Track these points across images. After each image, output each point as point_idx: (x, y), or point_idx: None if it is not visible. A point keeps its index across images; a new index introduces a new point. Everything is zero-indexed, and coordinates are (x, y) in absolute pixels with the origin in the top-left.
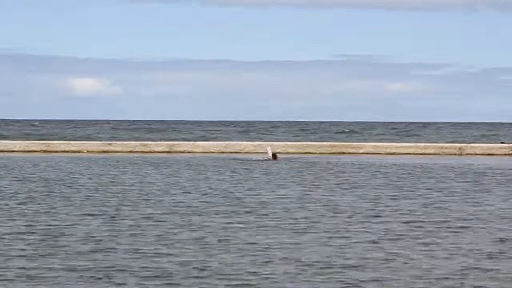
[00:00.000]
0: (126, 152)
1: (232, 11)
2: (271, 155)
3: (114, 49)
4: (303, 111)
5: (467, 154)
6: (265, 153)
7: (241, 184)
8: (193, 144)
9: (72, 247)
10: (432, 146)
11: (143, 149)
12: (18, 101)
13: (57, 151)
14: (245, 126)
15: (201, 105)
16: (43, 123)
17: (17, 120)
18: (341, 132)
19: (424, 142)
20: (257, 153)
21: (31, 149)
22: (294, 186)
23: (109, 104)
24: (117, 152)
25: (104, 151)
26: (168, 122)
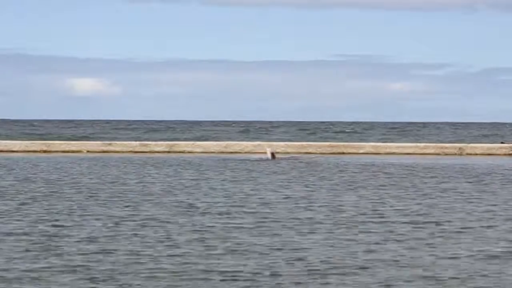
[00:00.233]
0: (126, 152)
1: (232, 11)
2: (270, 154)
3: (114, 49)
4: (303, 111)
5: (467, 154)
6: (265, 153)
7: (242, 184)
8: (193, 144)
9: (74, 248)
10: (432, 146)
11: (143, 149)
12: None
13: (57, 151)
14: (245, 125)
15: (201, 105)
16: (43, 123)
17: (17, 120)
18: (341, 132)
19: (424, 142)
20: (257, 153)
21: (31, 149)
22: (295, 186)
23: (109, 104)
24: (117, 152)
25: (104, 151)
26: (168, 122)
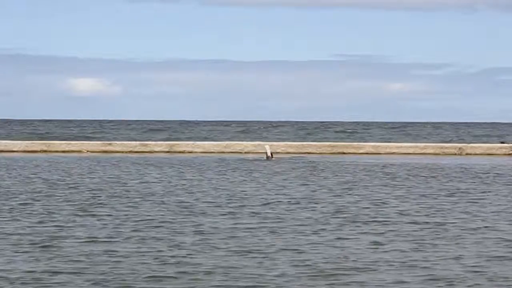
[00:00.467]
0: (126, 152)
1: (232, 11)
2: (270, 154)
3: (114, 49)
4: (303, 111)
5: (467, 154)
6: (264, 153)
7: (242, 184)
8: (193, 144)
9: (75, 248)
10: (432, 146)
11: (143, 149)
12: (18, 101)
13: (57, 151)
14: (245, 125)
15: (201, 105)
16: (43, 123)
17: (17, 120)
18: (341, 132)
19: (424, 142)
20: (257, 153)
21: (31, 149)
22: (296, 186)
23: (109, 104)
24: (117, 152)
25: (104, 151)
26: (168, 122)
